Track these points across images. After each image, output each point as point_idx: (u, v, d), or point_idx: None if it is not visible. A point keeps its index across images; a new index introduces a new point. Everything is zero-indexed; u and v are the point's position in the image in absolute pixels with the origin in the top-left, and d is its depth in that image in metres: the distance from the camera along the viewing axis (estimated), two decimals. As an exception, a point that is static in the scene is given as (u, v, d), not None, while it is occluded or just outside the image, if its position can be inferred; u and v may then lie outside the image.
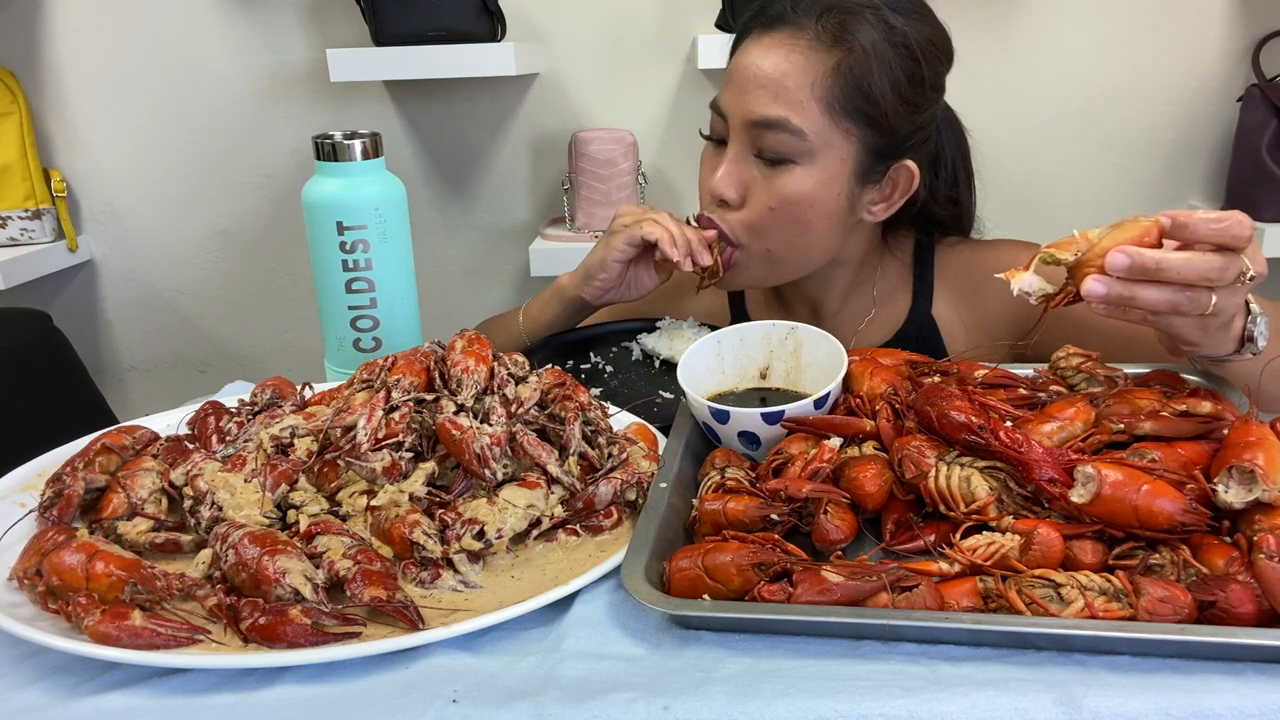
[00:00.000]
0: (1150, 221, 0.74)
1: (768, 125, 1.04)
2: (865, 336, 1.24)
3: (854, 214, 1.11)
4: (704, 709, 0.60)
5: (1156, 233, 0.73)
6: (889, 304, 1.24)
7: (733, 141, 1.08)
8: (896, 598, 0.65)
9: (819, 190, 1.05)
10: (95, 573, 0.71)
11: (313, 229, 1.12)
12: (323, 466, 0.84)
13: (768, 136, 1.04)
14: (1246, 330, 0.80)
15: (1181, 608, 0.62)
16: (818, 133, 1.03)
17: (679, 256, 1.07)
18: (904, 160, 1.08)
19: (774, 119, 1.03)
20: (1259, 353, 0.81)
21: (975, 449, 0.75)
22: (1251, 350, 0.81)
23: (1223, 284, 0.73)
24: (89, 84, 2.07)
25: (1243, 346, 0.81)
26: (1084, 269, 0.75)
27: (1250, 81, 1.88)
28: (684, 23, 1.97)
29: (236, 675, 0.65)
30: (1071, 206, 2.03)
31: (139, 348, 2.29)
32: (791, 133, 1.03)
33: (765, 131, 1.04)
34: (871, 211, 1.12)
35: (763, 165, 1.06)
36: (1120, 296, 0.73)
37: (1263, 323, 0.80)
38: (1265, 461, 0.68)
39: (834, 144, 1.04)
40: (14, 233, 2.04)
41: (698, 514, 0.78)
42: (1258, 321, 0.80)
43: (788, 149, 1.04)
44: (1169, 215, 0.72)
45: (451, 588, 0.74)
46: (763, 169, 1.07)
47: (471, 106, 2.05)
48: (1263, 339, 0.81)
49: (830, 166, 1.05)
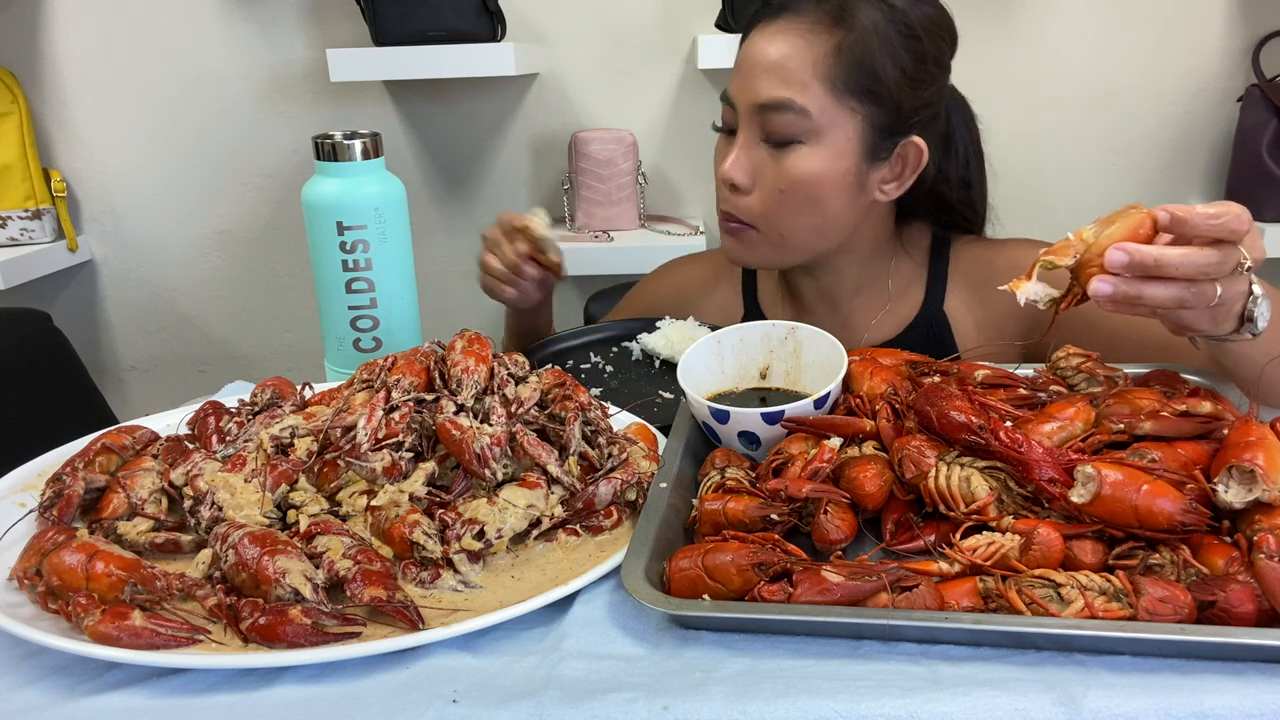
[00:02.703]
0: (1142, 215, 0.74)
1: (774, 107, 1.06)
2: (878, 330, 1.25)
3: (864, 193, 1.12)
4: (704, 709, 0.60)
5: (1150, 225, 0.74)
6: (902, 298, 1.25)
7: (742, 128, 1.10)
8: (896, 598, 0.65)
9: (827, 168, 1.07)
10: (95, 573, 0.70)
11: (313, 229, 1.12)
12: (323, 466, 0.83)
13: (774, 118, 1.06)
14: (1247, 310, 0.81)
15: (1181, 608, 0.62)
16: (822, 111, 1.05)
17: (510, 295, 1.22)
18: (911, 137, 1.10)
19: (779, 100, 1.05)
20: (1258, 333, 0.82)
21: (975, 449, 0.75)
22: (1250, 330, 0.82)
23: (1221, 276, 0.74)
24: (89, 84, 2.07)
25: (1242, 326, 0.82)
26: (1087, 269, 0.75)
27: (1250, 81, 1.88)
28: (684, 23, 1.98)
29: (236, 675, 0.65)
30: (1072, 206, 2.03)
31: (139, 348, 2.29)
32: (796, 112, 1.05)
33: (772, 114, 1.06)
34: (884, 190, 1.13)
35: (771, 148, 1.08)
36: (1126, 295, 0.73)
37: (1265, 305, 0.81)
38: (1265, 461, 0.69)
39: (839, 122, 1.06)
40: (14, 233, 2.04)
41: (698, 514, 0.78)
42: (1259, 303, 0.81)
43: (794, 129, 1.06)
44: (1167, 210, 0.73)
45: (451, 588, 0.74)
46: (771, 152, 1.09)
47: (471, 106, 2.05)
48: (1263, 320, 0.81)
49: (837, 144, 1.07)
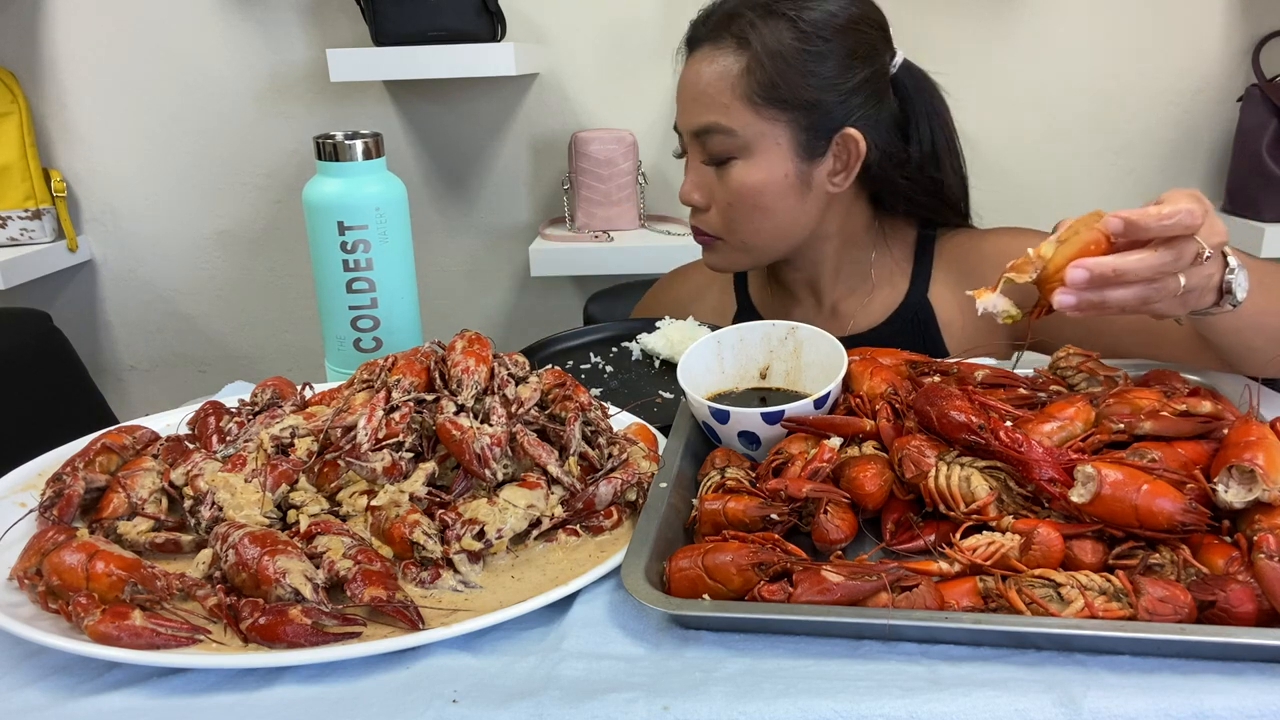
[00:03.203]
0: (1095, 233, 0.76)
1: (705, 131, 1.16)
2: (863, 317, 1.28)
3: (812, 190, 1.18)
4: (704, 709, 0.60)
5: (1104, 240, 0.76)
6: (887, 286, 1.29)
7: (689, 153, 1.21)
8: (896, 598, 0.65)
9: (766, 177, 1.16)
10: (95, 572, 0.70)
11: (313, 229, 1.12)
12: (323, 466, 0.83)
13: (708, 141, 1.17)
14: (1225, 283, 0.82)
15: (1181, 607, 0.62)
16: (747, 126, 1.14)
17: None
18: (845, 129, 1.16)
19: (707, 124, 1.16)
20: (1238, 304, 0.82)
21: (975, 449, 0.75)
22: (1230, 302, 0.82)
23: (1181, 270, 0.76)
24: (89, 84, 2.07)
25: (1221, 299, 0.82)
26: (1048, 285, 0.78)
27: (1250, 81, 1.88)
28: (684, 23, 1.96)
29: (236, 675, 0.65)
30: (1071, 206, 2.02)
31: (139, 348, 2.29)
32: (724, 133, 1.15)
33: (705, 138, 1.17)
34: (834, 183, 1.19)
35: (714, 168, 1.18)
36: (1090, 303, 0.77)
37: (1242, 275, 0.82)
38: (1265, 461, 0.69)
39: (766, 133, 1.14)
40: (14, 233, 2.04)
41: (698, 514, 0.78)
42: (1236, 274, 0.82)
43: (726, 148, 1.16)
44: (1119, 216, 0.75)
45: (451, 588, 0.74)
46: (715, 170, 1.18)
47: (471, 106, 2.05)
48: (1241, 290, 0.82)
49: (769, 153, 1.15)
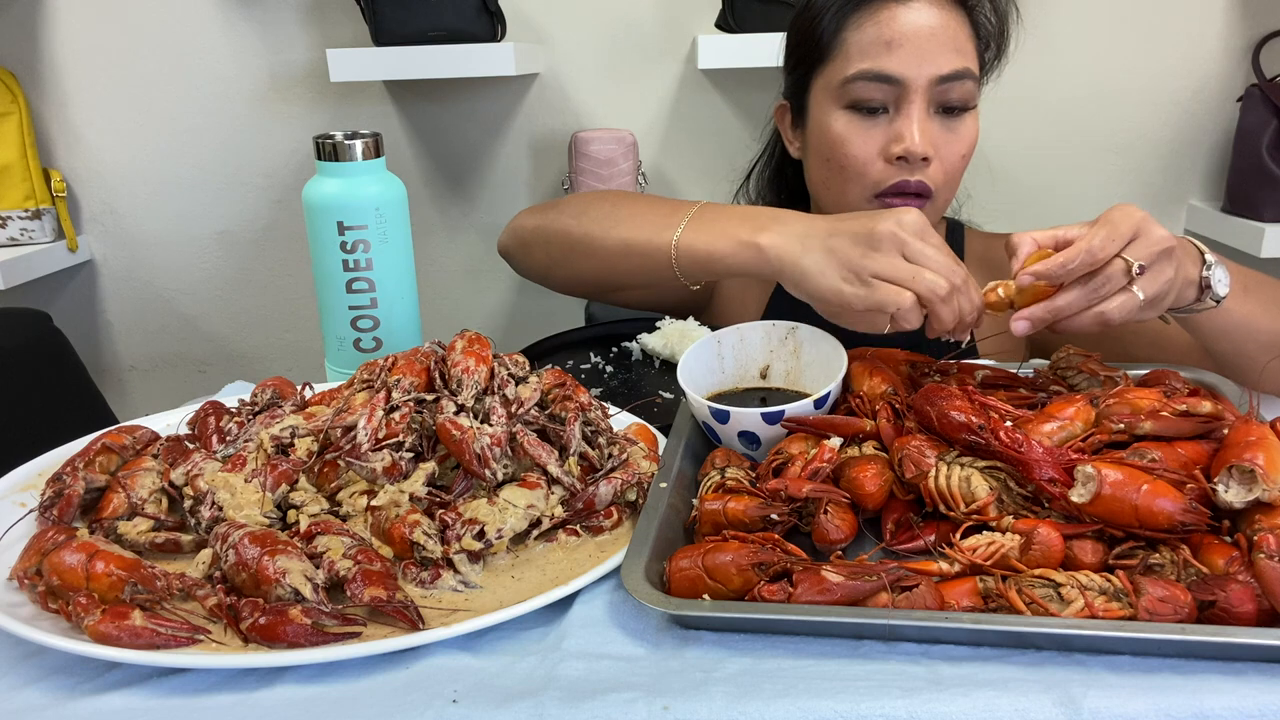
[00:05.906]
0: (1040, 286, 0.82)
1: (956, 77, 1.08)
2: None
3: None
4: (704, 709, 0.60)
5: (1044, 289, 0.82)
6: None
7: (915, 102, 1.08)
8: (896, 598, 0.65)
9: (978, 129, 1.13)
10: (95, 572, 0.71)
11: (313, 229, 1.12)
12: (323, 466, 0.83)
13: (955, 89, 1.09)
14: (1203, 279, 0.82)
15: (1181, 607, 0.62)
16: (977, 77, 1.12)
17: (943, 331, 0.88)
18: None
19: (960, 70, 1.09)
20: (1221, 299, 0.83)
21: (975, 449, 0.75)
22: (1212, 297, 0.83)
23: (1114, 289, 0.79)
24: (89, 84, 2.07)
25: (1202, 294, 0.83)
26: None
27: (1250, 81, 1.87)
28: (684, 23, 1.97)
29: (236, 675, 0.65)
30: (1072, 207, 2.03)
31: (139, 348, 2.29)
32: (973, 80, 1.10)
33: (953, 84, 1.09)
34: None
35: (945, 118, 1.11)
36: (1044, 320, 0.82)
37: (1220, 270, 0.83)
38: (1265, 461, 0.69)
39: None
40: (14, 233, 2.04)
41: (698, 514, 0.78)
42: (1214, 269, 0.82)
43: (970, 96, 1.10)
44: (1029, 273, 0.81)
45: (451, 588, 0.74)
46: (945, 122, 1.11)
47: (471, 106, 2.05)
48: (1221, 285, 0.83)
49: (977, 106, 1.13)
